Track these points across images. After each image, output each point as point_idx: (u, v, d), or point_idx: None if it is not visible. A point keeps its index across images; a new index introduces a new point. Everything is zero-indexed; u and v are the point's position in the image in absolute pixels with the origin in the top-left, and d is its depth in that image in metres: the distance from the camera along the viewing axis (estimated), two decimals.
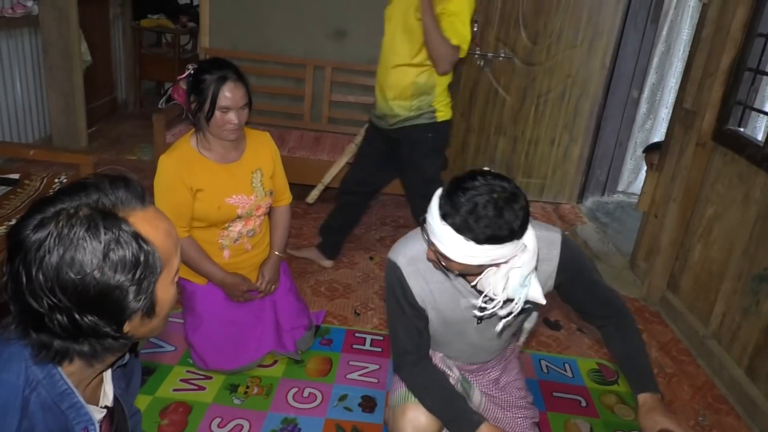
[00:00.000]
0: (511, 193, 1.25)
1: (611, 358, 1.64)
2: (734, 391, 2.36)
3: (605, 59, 4.01)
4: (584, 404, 2.25)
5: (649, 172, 3.32)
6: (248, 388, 2.14)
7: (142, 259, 0.82)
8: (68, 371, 0.90)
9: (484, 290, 1.35)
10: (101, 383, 1.03)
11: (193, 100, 1.96)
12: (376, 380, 2.25)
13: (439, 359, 1.70)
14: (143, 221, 0.85)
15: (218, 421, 1.98)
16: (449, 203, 1.26)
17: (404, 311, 1.53)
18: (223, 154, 2.05)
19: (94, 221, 0.80)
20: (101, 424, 0.99)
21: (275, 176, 2.19)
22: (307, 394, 2.14)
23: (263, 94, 3.99)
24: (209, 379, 2.16)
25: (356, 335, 2.52)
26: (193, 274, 2.13)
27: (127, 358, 1.05)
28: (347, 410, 2.09)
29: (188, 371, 2.19)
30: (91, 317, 0.80)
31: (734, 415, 2.29)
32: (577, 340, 2.67)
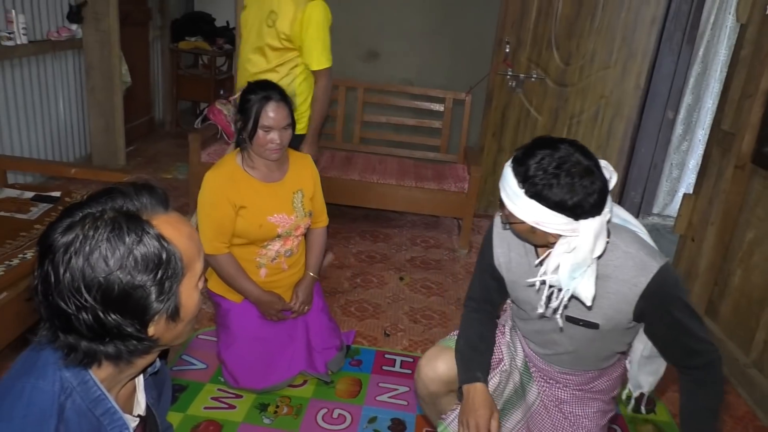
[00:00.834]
0: (585, 167, 1.22)
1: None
2: None
3: (640, 80, 3.96)
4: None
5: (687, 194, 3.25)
6: (278, 407, 2.14)
7: (164, 259, 0.84)
8: (100, 377, 0.92)
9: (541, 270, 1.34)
10: (134, 392, 1.05)
11: (238, 119, 2.03)
12: (406, 403, 2.23)
13: (513, 334, 1.71)
14: (166, 224, 0.88)
15: None
16: (526, 152, 1.28)
17: (484, 267, 1.60)
18: (266, 173, 2.10)
19: (118, 223, 0.83)
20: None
21: (315, 198, 2.23)
22: (336, 415, 2.13)
23: None
24: (240, 397, 2.17)
25: (386, 356, 2.51)
26: (229, 291, 2.15)
27: (158, 365, 1.06)
28: None
29: (219, 389, 2.20)
30: (114, 316, 0.82)
31: None
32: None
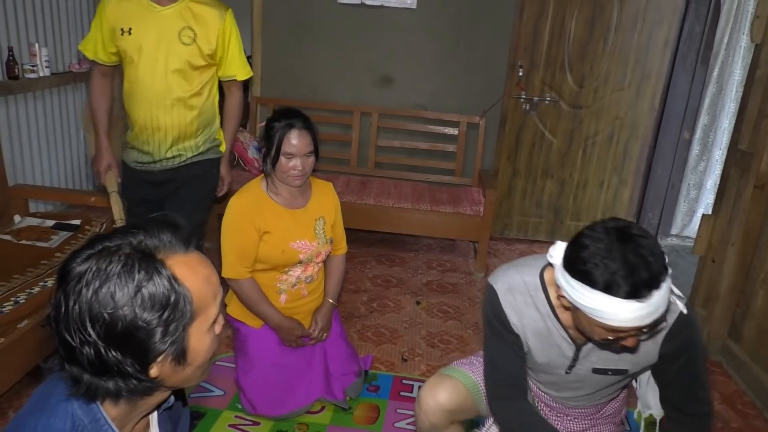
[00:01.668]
0: (626, 224, 1.20)
1: None
2: None
3: (654, 101, 3.96)
4: None
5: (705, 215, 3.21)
6: None
7: (172, 300, 0.83)
8: (112, 415, 0.91)
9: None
10: (147, 427, 1.04)
11: (263, 145, 2.07)
12: None
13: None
14: (182, 265, 0.87)
15: None
16: (603, 271, 1.15)
17: (502, 337, 1.46)
18: (290, 199, 2.12)
19: (131, 260, 0.83)
20: None
21: (335, 225, 2.25)
22: None
23: None
24: (257, 425, 2.16)
25: (404, 382, 2.49)
26: (248, 316, 2.16)
27: (171, 401, 1.05)
28: None
29: (237, 416, 2.19)
30: (115, 353, 0.81)
31: None
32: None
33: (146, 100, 2.22)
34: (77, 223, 2.92)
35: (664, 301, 1.17)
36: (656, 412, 1.63)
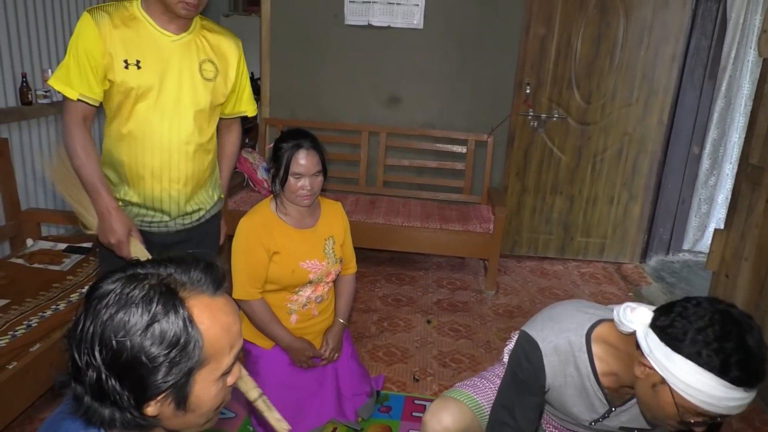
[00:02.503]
0: (730, 305, 1.14)
1: None
2: None
3: (663, 116, 3.95)
4: None
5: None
6: None
7: (182, 341, 0.82)
8: None
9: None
10: None
11: (271, 166, 2.08)
12: None
13: None
14: (204, 308, 0.86)
15: None
16: (717, 352, 1.07)
17: (531, 392, 1.40)
18: (299, 219, 2.13)
19: (153, 291, 0.82)
20: None
21: (345, 245, 2.25)
22: None
23: None
24: None
25: (416, 402, 2.47)
26: (259, 337, 2.16)
27: None
28: None
29: None
30: (114, 383, 0.80)
31: None
32: None
33: (162, 146, 1.80)
34: (89, 246, 2.94)
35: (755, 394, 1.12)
36: None
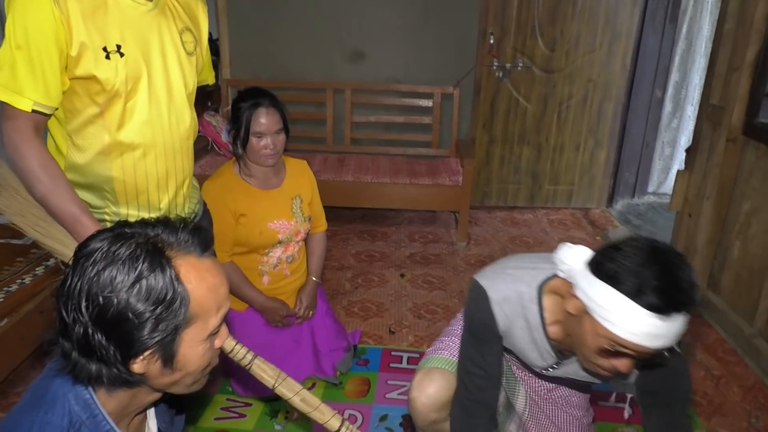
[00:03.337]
0: (669, 246, 1.14)
1: None
2: None
3: (626, 61, 3.97)
4: (630, 413, 2.19)
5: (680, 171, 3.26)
6: (288, 413, 2.14)
7: (168, 297, 0.82)
8: (108, 409, 0.91)
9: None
10: (145, 419, 1.04)
11: (231, 128, 2.03)
12: None
13: None
14: (191, 268, 0.86)
15: None
16: (635, 277, 1.07)
17: (489, 339, 1.42)
18: (264, 180, 2.10)
19: (140, 249, 0.83)
20: None
21: (313, 203, 2.23)
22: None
23: None
24: (249, 406, 2.17)
25: (392, 354, 2.51)
26: (233, 300, 2.15)
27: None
28: (389, 431, 2.07)
29: (228, 399, 2.20)
30: (100, 337, 0.81)
31: None
32: None
33: (166, 149, 1.44)
34: None
35: (678, 331, 1.10)
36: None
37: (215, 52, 5.79)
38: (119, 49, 1.30)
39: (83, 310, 0.80)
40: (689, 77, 4.20)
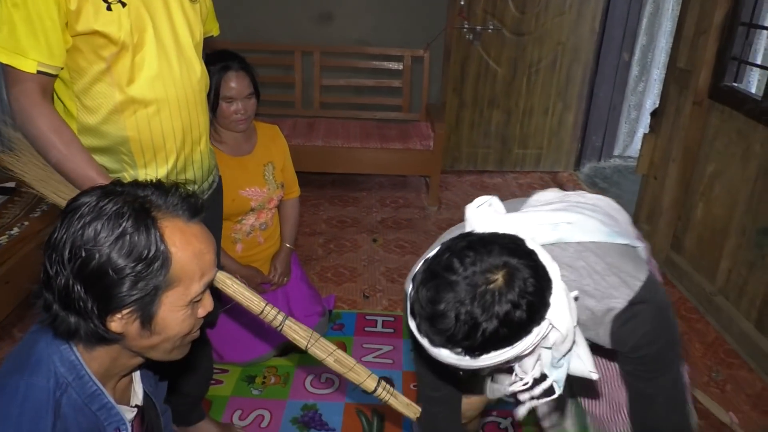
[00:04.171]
0: (504, 281, 0.88)
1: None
2: (745, 344, 2.38)
3: (594, 24, 3.98)
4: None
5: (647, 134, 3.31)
6: (265, 378, 2.15)
7: (149, 256, 0.82)
8: (93, 369, 0.91)
9: (513, 370, 1.04)
10: (131, 382, 1.04)
11: None
12: (391, 361, 2.26)
13: None
14: (177, 231, 0.86)
15: (239, 413, 1.99)
16: (423, 313, 0.91)
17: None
18: (235, 146, 2.06)
19: (125, 206, 0.82)
20: (132, 423, 1.00)
21: (285, 169, 2.20)
22: (324, 379, 2.15)
23: None
24: (226, 372, 2.17)
25: (367, 318, 2.53)
26: None
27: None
28: (366, 393, 2.09)
29: None
30: (80, 289, 0.81)
31: (747, 368, 2.31)
32: None
33: (180, 102, 1.37)
34: (12, 186, 2.77)
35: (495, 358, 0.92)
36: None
37: None
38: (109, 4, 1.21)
39: (66, 262, 0.80)
40: (656, 40, 4.24)
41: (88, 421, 0.90)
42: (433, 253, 0.97)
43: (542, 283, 0.91)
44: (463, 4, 3.85)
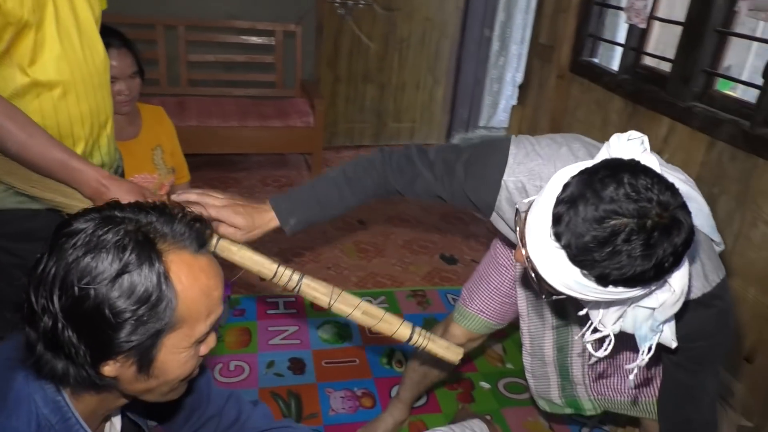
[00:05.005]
0: (672, 217, 0.81)
1: None
2: None
3: (459, 0, 4.15)
4: None
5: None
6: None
7: (153, 299, 0.72)
8: (80, 410, 0.81)
9: (590, 317, 1.02)
10: (108, 416, 0.93)
11: None
12: (299, 341, 2.26)
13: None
14: (183, 266, 0.75)
15: None
16: (572, 217, 0.83)
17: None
18: (118, 130, 1.87)
19: (128, 238, 0.72)
20: None
21: (175, 153, 2.09)
22: (233, 367, 2.10)
23: None
24: None
25: (268, 300, 2.49)
26: None
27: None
28: (278, 376, 2.08)
29: None
30: (71, 334, 0.70)
31: None
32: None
33: (86, 84, 1.25)
34: None
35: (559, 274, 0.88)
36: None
37: None
38: None
39: (55, 299, 0.69)
40: (513, 17, 4.52)
41: None
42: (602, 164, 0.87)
43: (690, 241, 0.85)
44: None
